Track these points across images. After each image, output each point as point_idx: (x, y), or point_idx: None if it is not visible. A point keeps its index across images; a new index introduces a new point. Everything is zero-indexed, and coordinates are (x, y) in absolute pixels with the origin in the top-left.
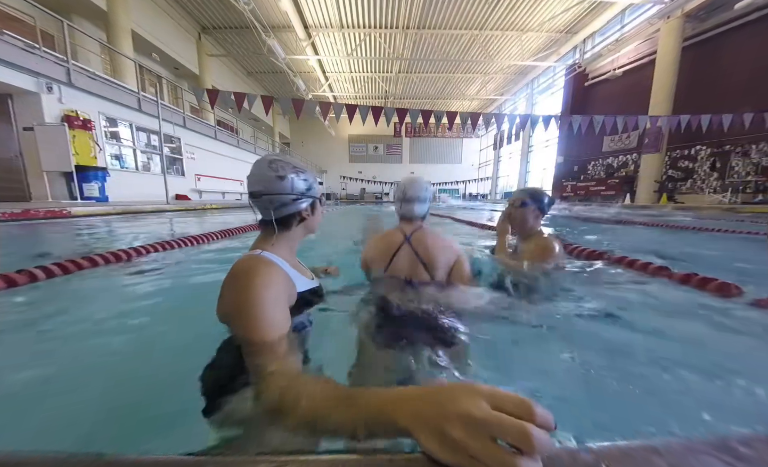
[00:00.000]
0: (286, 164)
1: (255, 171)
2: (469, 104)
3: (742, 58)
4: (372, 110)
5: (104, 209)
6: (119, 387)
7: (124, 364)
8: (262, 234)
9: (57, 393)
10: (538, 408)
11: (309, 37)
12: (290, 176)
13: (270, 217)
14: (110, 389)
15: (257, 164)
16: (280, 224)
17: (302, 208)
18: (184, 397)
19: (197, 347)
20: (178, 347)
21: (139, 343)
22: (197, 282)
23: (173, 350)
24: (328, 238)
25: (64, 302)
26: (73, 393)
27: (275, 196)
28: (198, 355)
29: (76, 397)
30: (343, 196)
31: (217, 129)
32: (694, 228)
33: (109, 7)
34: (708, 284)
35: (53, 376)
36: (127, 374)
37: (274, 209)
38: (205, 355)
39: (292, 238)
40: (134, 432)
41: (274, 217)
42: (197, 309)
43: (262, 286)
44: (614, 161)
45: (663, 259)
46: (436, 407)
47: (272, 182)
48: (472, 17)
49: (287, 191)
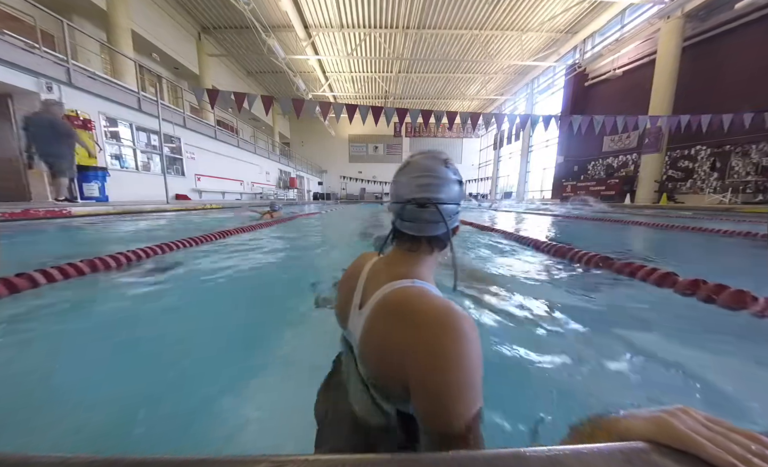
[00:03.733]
0: (454, 164)
1: (433, 173)
2: (469, 104)
3: (742, 58)
4: (372, 110)
5: (104, 209)
6: (123, 387)
7: (130, 365)
8: (407, 257)
9: (58, 393)
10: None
11: (309, 36)
12: (461, 179)
13: (431, 233)
14: (115, 390)
15: (431, 163)
16: (438, 242)
17: (459, 221)
18: (184, 398)
19: (197, 348)
20: (178, 347)
21: (141, 343)
22: (198, 282)
23: (174, 349)
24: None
25: (64, 303)
26: (75, 393)
27: (452, 206)
28: (199, 355)
29: (79, 399)
30: (343, 196)
31: (217, 129)
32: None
33: (109, 7)
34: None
35: (58, 376)
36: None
37: (446, 223)
38: (206, 355)
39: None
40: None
41: (436, 233)
42: (197, 309)
43: (477, 343)
44: (614, 161)
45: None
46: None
47: (452, 188)
48: (472, 17)
49: (460, 199)
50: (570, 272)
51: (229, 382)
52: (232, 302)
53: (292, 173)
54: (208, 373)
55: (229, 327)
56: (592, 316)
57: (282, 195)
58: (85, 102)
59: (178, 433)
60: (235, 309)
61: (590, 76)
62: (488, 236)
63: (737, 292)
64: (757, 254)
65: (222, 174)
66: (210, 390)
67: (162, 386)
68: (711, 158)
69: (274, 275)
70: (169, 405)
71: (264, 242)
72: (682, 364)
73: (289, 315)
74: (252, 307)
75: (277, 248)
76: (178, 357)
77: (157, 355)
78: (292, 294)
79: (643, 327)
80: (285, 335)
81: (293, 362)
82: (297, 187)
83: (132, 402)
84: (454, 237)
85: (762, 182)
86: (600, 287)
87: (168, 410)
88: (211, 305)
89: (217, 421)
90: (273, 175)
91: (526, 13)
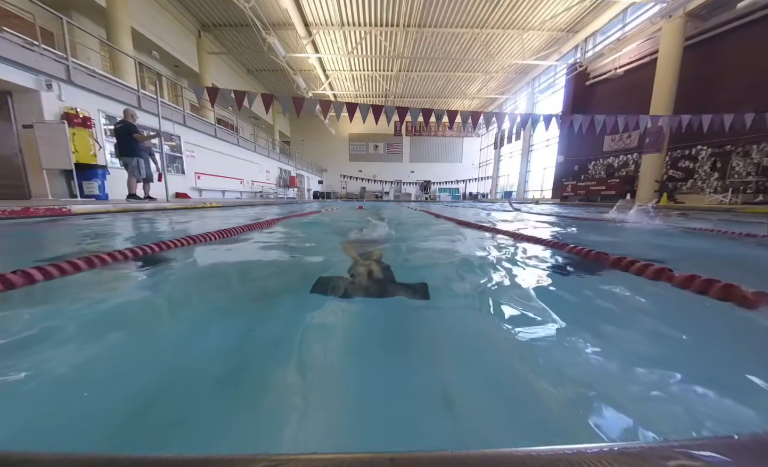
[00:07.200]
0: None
1: None
2: (470, 103)
3: (744, 57)
4: (372, 109)
5: (104, 207)
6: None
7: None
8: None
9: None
10: None
11: (309, 35)
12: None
13: None
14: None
15: None
16: None
17: None
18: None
19: (199, 346)
20: (179, 349)
21: (142, 343)
22: (197, 282)
23: (175, 351)
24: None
25: (64, 302)
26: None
27: None
28: (199, 354)
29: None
30: (342, 194)
31: (217, 127)
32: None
33: (109, 5)
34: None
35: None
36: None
37: None
38: (207, 355)
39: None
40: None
41: None
42: (200, 309)
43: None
44: (615, 161)
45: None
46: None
47: None
48: (473, 15)
49: None
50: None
51: (229, 382)
52: (233, 301)
53: (293, 171)
54: (209, 373)
55: (228, 325)
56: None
57: (282, 194)
58: (85, 100)
59: (178, 433)
60: (236, 308)
61: (591, 76)
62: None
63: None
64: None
65: (222, 172)
66: (210, 389)
67: (161, 386)
68: (712, 158)
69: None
70: (169, 404)
71: (273, 239)
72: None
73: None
74: (252, 307)
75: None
76: (178, 356)
77: (156, 354)
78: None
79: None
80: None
81: (294, 362)
82: (297, 185)
83: (132, 402)
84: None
85: (762, 183)
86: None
87: (168, 410)
88: (211, 303)
89: (217, 421)
90: (273, 173)
91: (527, 12)
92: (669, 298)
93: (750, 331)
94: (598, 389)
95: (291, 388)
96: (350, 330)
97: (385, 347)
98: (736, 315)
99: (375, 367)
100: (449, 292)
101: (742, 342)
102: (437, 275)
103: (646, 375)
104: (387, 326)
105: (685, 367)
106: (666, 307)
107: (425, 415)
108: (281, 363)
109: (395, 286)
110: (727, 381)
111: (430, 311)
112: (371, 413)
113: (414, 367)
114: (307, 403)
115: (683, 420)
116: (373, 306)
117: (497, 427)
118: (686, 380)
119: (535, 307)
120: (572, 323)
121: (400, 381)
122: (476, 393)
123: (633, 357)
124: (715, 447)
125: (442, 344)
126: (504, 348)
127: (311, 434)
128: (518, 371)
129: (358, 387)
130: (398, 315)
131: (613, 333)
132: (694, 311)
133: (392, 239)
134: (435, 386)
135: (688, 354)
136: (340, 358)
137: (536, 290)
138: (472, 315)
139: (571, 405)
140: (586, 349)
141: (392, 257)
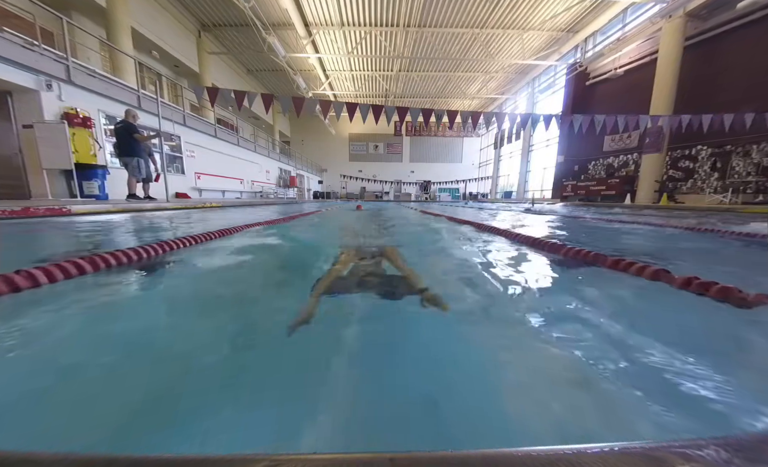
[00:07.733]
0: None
1: None
2: (470, 103)
3: (744, 57)
4: (372, 109)
5: (104, 207)
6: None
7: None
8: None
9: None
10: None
11: (309, 35)
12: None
13: None
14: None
15: None
16: None
17: None
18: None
19: (198, 346)
20: (178, 348)
21: (143, 343)
22: (196, 282)
23: (174, 350)
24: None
25: (65, 302)
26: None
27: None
28: (199, 354)
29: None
30: (343, 194)
31: (217, 127)
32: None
33: (109, 5)
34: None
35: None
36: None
37: None
38: (207, 354)
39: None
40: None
41: None
42: (201, 309)
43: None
44: (615, 161)
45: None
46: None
47: None
48: (473, 15)
49: None
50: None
51: (229, 381)
52: (233, 300)
53: (293, 171)
54: (208, 372)
55: (227, 325)
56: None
57: (282, 194)
58: (85, 100)
59: (177, 432)
60: (237, 307)
61: (591, 76)
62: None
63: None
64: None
65: (222, 172)
66: (209, 388)
67: (161, 384)
68: (712, 158)
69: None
70: (168, 404)
71: (274, 239)
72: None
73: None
74: (252, 305)
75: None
76: (177, 354)
77: (156, 352)
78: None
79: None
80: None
81: (293, 360)
82: (297, 186)
83: (131, 400)
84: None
85: (762, 183)
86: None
87: (168, 410)
88: (211, 302)
89: (217, 421)
90: (273, 173)
91: (527, 12)
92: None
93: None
94: (604, 387)
95: (291, 388)
96: (350, 330)
97: (386, 347)
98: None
99: (375, 367)
100: (448, 296)
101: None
102: (437, 278)
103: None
104: (387, 326)
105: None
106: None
107: (425, 415)
108: (281, 362)
109: (395, 287)
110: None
111: (429, 311)
112: (371, 413)
113: (414, 367)
114: (307, 403)
115: (684, 419)
116: (373, 306)
117: (497, 427)
118: (694, 380)
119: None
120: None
121: (401, 380)
122: (476, 392)
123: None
124: (715, 447)
125: (442, 344)
126: (504, 351)
127: (311, 434)
128: (528, 372)
129: (358, 387)
130: (399, 315)
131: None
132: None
133: (398, 245)
134: (435, 386)
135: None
136: (340, 358)
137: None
138: (472, 316)
139: (573, 406)
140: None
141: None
